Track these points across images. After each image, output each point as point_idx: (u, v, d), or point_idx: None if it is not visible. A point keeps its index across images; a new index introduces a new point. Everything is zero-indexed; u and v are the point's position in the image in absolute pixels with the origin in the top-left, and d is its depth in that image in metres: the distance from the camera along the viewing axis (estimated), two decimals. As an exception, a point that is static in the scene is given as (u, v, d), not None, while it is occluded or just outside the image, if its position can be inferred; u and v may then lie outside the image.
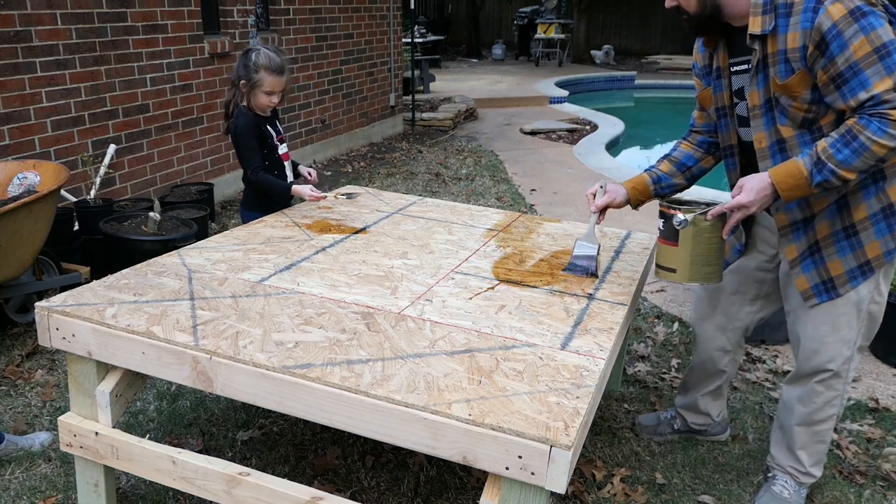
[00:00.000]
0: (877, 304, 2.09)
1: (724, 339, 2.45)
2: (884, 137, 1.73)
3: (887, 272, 2.06)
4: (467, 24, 18.94)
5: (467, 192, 6.08)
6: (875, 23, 1.73)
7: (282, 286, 2.13)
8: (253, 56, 2.78)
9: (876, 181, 1.95)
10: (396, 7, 8.37)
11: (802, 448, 2.26)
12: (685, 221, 1.98)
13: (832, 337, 2.10)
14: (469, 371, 1.70)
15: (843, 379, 2.15)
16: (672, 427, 2.70)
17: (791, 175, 1.87)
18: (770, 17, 1.88)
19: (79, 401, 2.01)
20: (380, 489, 2.37)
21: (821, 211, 2.02)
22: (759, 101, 2.00)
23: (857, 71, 1.75)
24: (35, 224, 3.02)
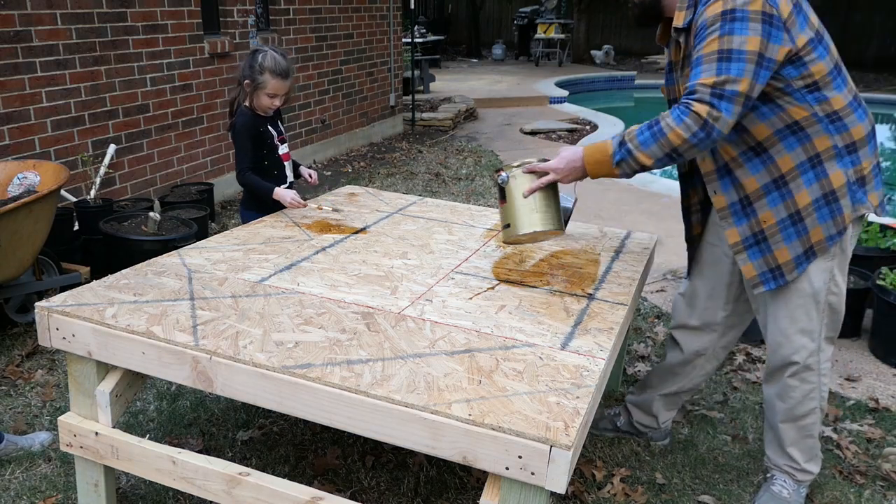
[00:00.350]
0: (835, 294, 2.10)
1: (699, 342, 2.45)
2: (680, 126, 1.79)
3: (841, 264, 2.08)
4: (467, 24, 18.94)
5: (467, 192, 6.08)
6: (738, 29, 1.76)
7: (282, 286, 2.13)
8: (259, 57, 2.80)
9: (814, 167, 1.98)
10: (396, 7, 8.37)
11: (792, 445, 2.27)
12: (506, 178, 2.15)
13: (792, 329, 2.13)
14: (469, 371, 1.70)
15: (815, 371, 2.16)
16: (614, 424, 2.71)
17: (599, 150, 1.97)
18: (690, 12, 1.96)
19: (79, 401, 2.01)
20: (380, 489, 2.37)
21: (757, 194, 2.04)
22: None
23: (698, 63, 1.83)
24: (35, 224, 3.02)
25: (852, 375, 3.24)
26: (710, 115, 1.77)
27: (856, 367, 3.34)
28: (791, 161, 1.97)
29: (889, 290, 3.32)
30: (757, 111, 1.94)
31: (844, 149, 1.96)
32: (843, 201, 1.98)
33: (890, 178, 7.76)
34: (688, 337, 2.47)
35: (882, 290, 3.34)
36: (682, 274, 4.29)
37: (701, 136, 1.79)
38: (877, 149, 2.04)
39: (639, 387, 2.69)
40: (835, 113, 1.93)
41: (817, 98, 1.90)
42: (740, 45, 1.77)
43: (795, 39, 1.84)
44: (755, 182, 2.04)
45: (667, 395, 2.58)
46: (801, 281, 2.08)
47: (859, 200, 2.00)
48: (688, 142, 1.80)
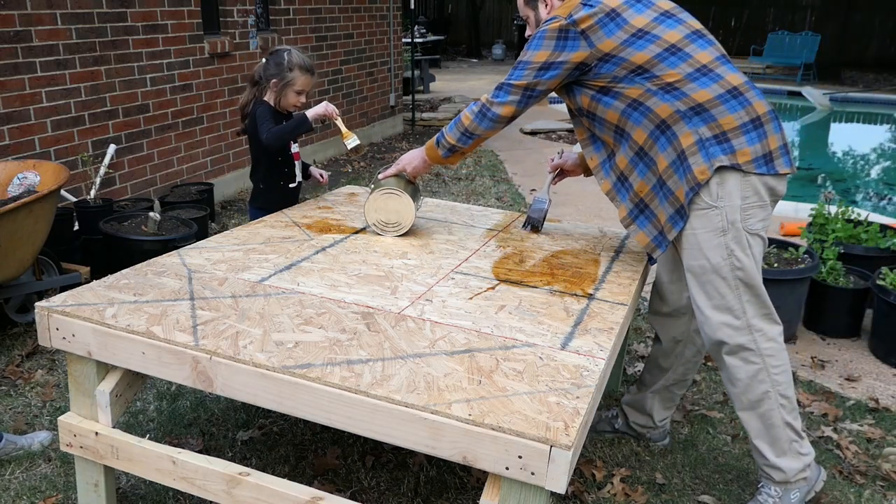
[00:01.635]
0: (740, 269, 2.10)
1: (674, 328, 2.49)
2: (469, 111, 2.31)
3: (737, 238, 2.09)
4: (467, 24, 18.94)
5: (467, 192, 6.08)
6: (536, 46, 2.18)
7: (282, 286, 2.13)
8: (286, 55, 2.85)
9: (663, 132, 2.13)
10: (396, 7, 8.37)
11: (758, 437, 2.23)
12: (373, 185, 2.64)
13: (708, 305, 2.16)
14: (469, 371, 1.70)
15: (754, 351, 2.15)
16: (612, 426, 2.72)
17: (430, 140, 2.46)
18: None
19: (79, 401, 2.01)
20: (380, 489, 2.37)
21: (629, 169, 2.26)
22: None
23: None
24: (35, 224, 3.02)
25: (852, 375, 3.24)
26: (488, 101, 2.27)
27: (856, 367, 3.34)
28: (643, 132, 2.17)
29: (889, 290, 3.32)
30: (602, 101, 2.20)
31: (690, 111, 2.08)
32: (691, 158, 2.08)
33: (890, 178, 7.76)
34: (661, 323, 2.52)
35: (882, 290, 3.34)
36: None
37: (478, 119, 2.29)
38: (745, 108, 2.07)
39: (634, 387, 2.70)
40: (668, 85, 2.10)
41: (647, 77, 2.12)
42: (529, 57, 2.20)
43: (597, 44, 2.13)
44: (624, 159, 2.26)
45: (658, 392, 2.58)
46: (699, 257, 2.13)
47: (713, 155, 2.06)
48: (472, 123, 2.30)
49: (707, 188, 2.07)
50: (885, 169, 8.45)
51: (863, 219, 4.12)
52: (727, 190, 2.07)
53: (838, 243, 3.78)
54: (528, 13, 2.40)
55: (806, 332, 3.67)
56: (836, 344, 3.56)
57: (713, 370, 3.23)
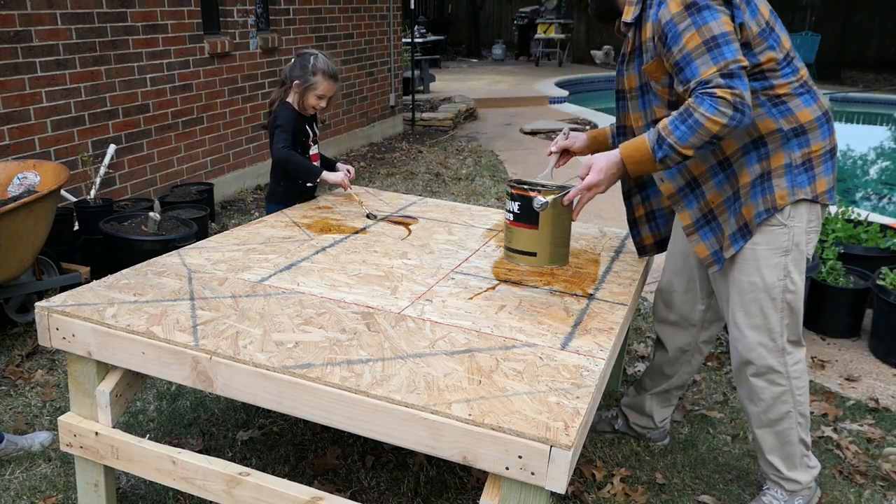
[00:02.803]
0: (792, 293, 2.07)
1: (681, 338, 2.46)
2: (715, 114, 1.84)
3: (797, 260, 2.05)
4: (467, 24, 18.93)
5: (467, 192, 6.08)
6: (708, 17, 1.87)
7: (282, 286, 2.13)
8: (311, 59, 2.89)
9: (758, 148, 2.02)
10: (396, 7, 8.37)
11: (772, 452, 2.23)
12: (545, 204, 1.97)
13: (746, 323, 2.12)
14: (469, 371, 1.70)
15: (782, 374, 2.13)
16: (612, 426, 2.71)
17: (637, 150, 1.99)
18: (638, 7, 2.05)
19: (79, 401, 2.01)
20: (380, 489, 2.37)
21: (704, 177, 2.11)
22: (636, 84, 2.18)
23: (689, 60, 1.90)
24: (35, 224, 3.02)
25: (852, 375, 3.24)
26: (734, 95, 1.83)
27: (856, 367, 3.34)
28: (735, 143, 2.04)
29: (889, 290, 3.32)
30: None
31: (791, 131, 1.99)
32: (776, 181, 2.00)
33: (890, 178, 7.75)
34: (668, 333, 2.48)
35: (882, 290, 3.34)
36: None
37: (737, 117, 1.84)
38: (831, 135, 2.04)
39: (633, 388, 2.69)
40: (778, 98, 1.98)
41: (761, 83, 1.97)
42: (718, 29, 1.86)
43: (750, 25, 1.93)
44: (701, 165, 2.11)
45: (658, 394, 2.58)
46: (752, 274, 2.07)
47: (799, 184, 2.00)
48: (726, 126, 1.85)
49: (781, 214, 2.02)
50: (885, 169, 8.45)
51: (863, 219, 4.12)
52: (799, 211, 2.02)
53: (838, 243, 3.78)
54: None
55: (806, 332, 3.67)
56: (836, 344, 3.56)
57: (713, 370, 3.23)
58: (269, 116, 2.99)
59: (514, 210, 2.01)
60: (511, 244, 2.06)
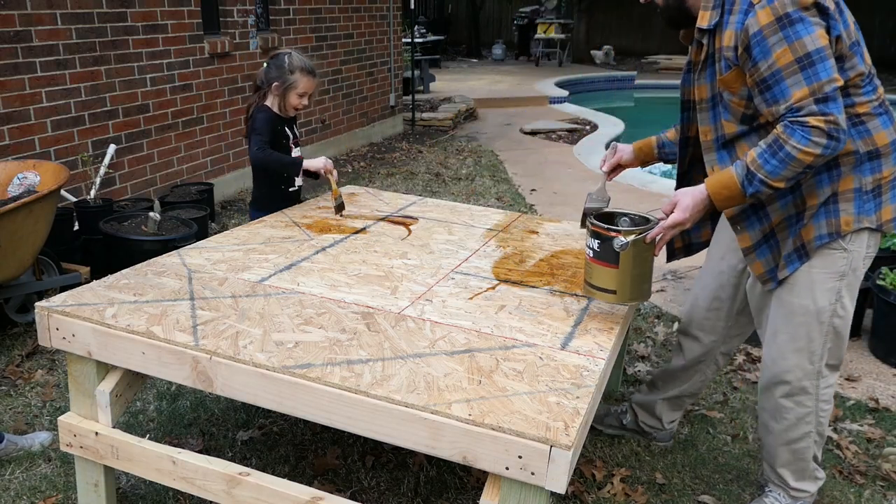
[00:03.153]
0: (840, 318, 2.01)
1: (699, 350, 2.43)
2: (808, 146, 1.73)
3: (851, 286, 1.99)
4: (467, 24, 18.93)
5: (467, 192, 6.08)
6: (802, 31, 1.73)
7: (282, 286, 2.13)
8: (286, 59, 2.84)
9: (830, 169, 1.91)
10: (396, 7, 8.37)
11: (784, 466, 2.21)
12: (627, 244, 1.90)
13: (790, 347, 2.05)
14: (469, 371, 1.70)
15: (811, 395, 2.08)
16: (620, 421, 2.69)
17: (726, 187, 1.88)
18: (717, 13, 1.90)
19: (79, 401, 2.01)
20: (380, 489, 2.37)
21: (770, 199, 1.99)
22: (707, 95, 2.03)
23: (779, 79, 1.77)
24: (35, 224, 3.02)
25: (852, 375, 3.24)
26: (828, 123, 1.73)
27: (856, 367, 3.34)
28: None
29: (889, 290, 3.31)
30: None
31: (866, 154, 1.89)
32: (843, 205, 1.92)
33: (890, 178, 7.74)
34: (690, 343, 2.46)
35: (882, 290, 3.34)
36: (682, 274, 4.29)
37: (832, 145, 1.74)
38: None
39: (645, 387, 2.67)
40: (857, 117, 1.87)
41: (845, 102, 1.83)
42: (812, 45, 1.73)
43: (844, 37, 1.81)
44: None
45: (670, 399, 2.57)
46: (804, 296, 2.00)
47: (866, 212, 1.92)
48: (821, 156, 1.75)
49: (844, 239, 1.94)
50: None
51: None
52: (861, 237, 1.94)
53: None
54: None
55: (806, 332, 3.66)
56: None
57: (713, 370, 3.23)
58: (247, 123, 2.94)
59: (593, 247, 1.96)
60: (591, 280, 2.01)
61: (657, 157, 2.48)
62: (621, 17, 18.51)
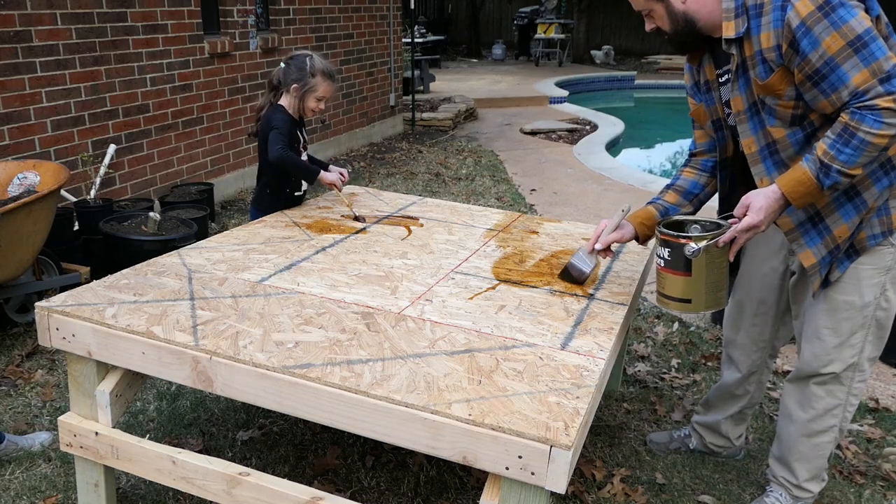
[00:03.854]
0: (883, 310, 2.01)
1: (750, 360, 2.39)
2: (883, 128, 1.69)
3: (895, 278, 1.98)
4: (467, 24, 18.93)
5: (467, 192, 6.08)
6: (846, 15, 1.70)
7: (282, 286, 2.13)
8: (308, 61, 2.80)
9: (888, 172, 1.88)
10: (396, 7, 8.37)
11: (799, 460, 2.19)
12: (699, 251, 1.84)
13: (833, 340, 2.04)
14: (469, 371, 1.70)
15: (845, 387, 2.08)
16: (686, 446, 2.62)
17: (801, 183, 1.82)
18: (743, 20, 1.85)
19: (79, 401, 2.01)
20: (380, 489, 2.37)
21: (828, 209, 1.93)
22: (744, 106, 1.97)
23: (833, 67, 1.72)
24: (35, 224, 3.02)
25: (852, 375, 3.23)
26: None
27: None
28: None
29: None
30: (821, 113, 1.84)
31: None
32: (892, 202, 1.90)
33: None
34: (741, 354, 2.40)
35: (882, 290, 3.34)
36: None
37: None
38: None
39: (702, 407, 2.60)
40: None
41: None
42: (860, 27, 1.69)
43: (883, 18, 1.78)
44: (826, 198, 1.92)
45: (733, 416, 2.51)
46: (851, 293, 1.99)
47: None
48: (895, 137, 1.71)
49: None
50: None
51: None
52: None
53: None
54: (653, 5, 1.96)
55: (806, 332, 3.66)
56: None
57: (713, 370, 3.23)
58: (258, 123, 2.90)
59: (664, 256, 1.91)
60: (664, 290, 1.96)
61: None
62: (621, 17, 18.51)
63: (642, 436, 2.72)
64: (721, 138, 2.15)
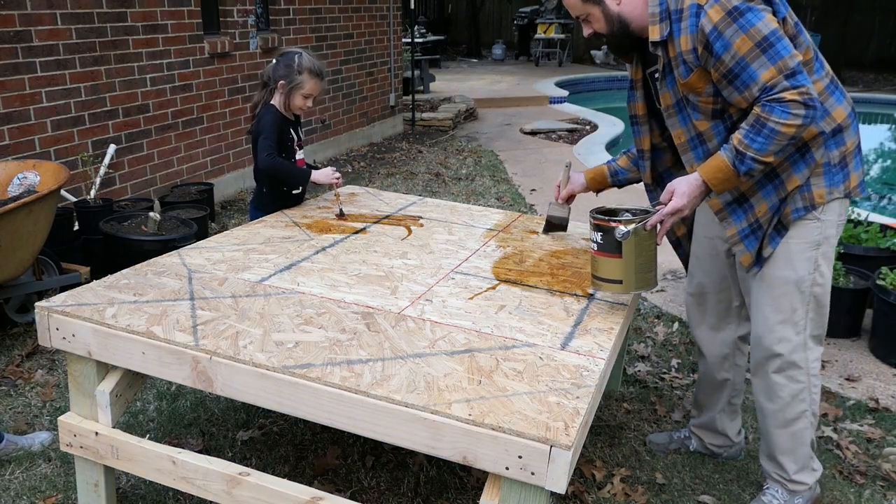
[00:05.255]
0: (819, 286, 2.10)
1: (719, 342, 2.43)
2: (790, 118, 1.84)
3: (826, 254, 2.08)
4: (467, 24, 18.93)
5: (467, 192, 6.08)
6: (753, 19, 1.86)
7: (282, 286, 2.13)
8: (296, 58, 2.81)
9: (804, 154, 2.01)
10: (396, 7, 8.37)
11: (783, 453, 2.22)
12: (628, 233, 1.96)
13: (775, 318, 2.12)
14: (469, 371, 1.70)
15: (803, 370, 2.13)
16: (686, 447, 2.63)
17: (720, 170, 1.97)
18: (666, 24, 2.00)
19: (79, 401, 2.01)
20: (380, 489, 2.37)
21: (752, 191, 2.08)
22: (672, 102, 2.12)
23: (744, 66, 1.88)
24: (35, 224, 3.02)
25: (852, 375, 3.24)
26: (802, 94, 1.83)
27: (856, 367, 3.34)
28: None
29: (889, 290, 3.32)
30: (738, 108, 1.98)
31: (831, 132, 2.00)
32: (814, 180, 2.02)
33: (890, 178, 7.75)
34: (708, 339, 2.44)
35: (882, 290, 3.34)
36: (683, 274, 4.28)
37: (811, 114, 1.85)
38: (858, 129, 2.08)
39: (694, 408, 2.61)
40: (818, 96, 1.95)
41: None
42: (766, 29, 1.85)
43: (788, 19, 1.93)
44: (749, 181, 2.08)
45: (724, 409, 2.52)
46: (784, 268, 2.08)
47: (835, 183, 2.02)
48: (802, 126, 1.86)
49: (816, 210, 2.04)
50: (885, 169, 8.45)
51: (863, 219, 4.12)
52: (832, 206, 2.05)
53: (838, 243, 3.78)
54: (590, 9, 2.10)
55: (806, 332, 3.66)
56: (836, 344, 3.56)
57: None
58: (253, 121, 2.91)
59: (597, 240, 2.03)
60: (597, 273, 2.07)
61: (610, 185, 2.61)
62: (621, 17, 18.46)
63: (642, 436, 2.73)
64: (636, 132, 2.33)
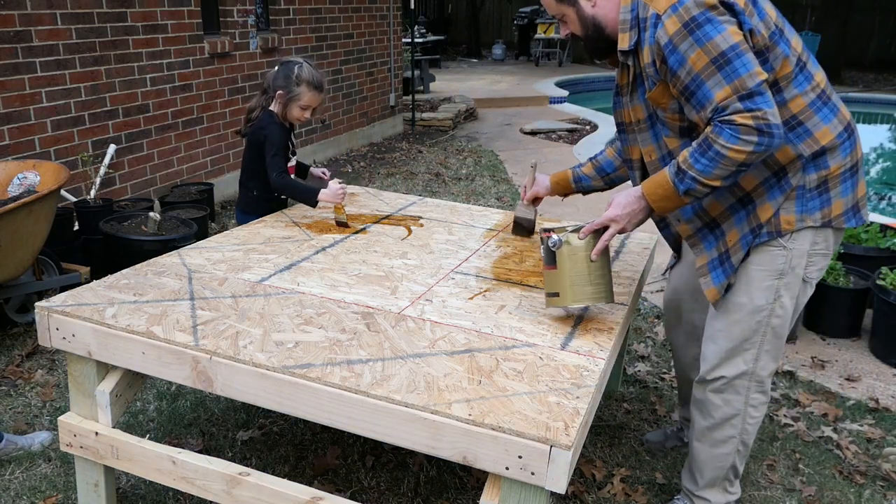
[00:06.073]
0: (778, 317, 1.96)
1: (694, 347, 2.39)
2: (738, 144, 1.68)
3: (790, 285, 1.93)
4: (467, 24, 18.94)
5: (467, 192, 6.08)
6: (711, 31, 1.69)
7: (282, 286, 2.13)
8: (296, 69, 2.77)
9: (780, 179, 1.86)
10: (396, 7, 8.37)
11: (699, 468, 2.16)
12: (558, 241, 1.91)
13: (725, 343, 2.00)
14: (469, 371, 1.70)
15: (741, 396, 2.02)
16: (681, 439, 2.64)
17: (660, 185, 1.84)
18: (634, 33, 1.86)
19: (79, 401, 2.01)
20: (380, 489, 2.37)
21: (724, 216, 1.95)
22: (644, 115, 1.99)
23: (699, 83, 1.72)
24: (35, 224, 3.02)
25: (852, 375, 3.24)
26: (756, 119, 1.66)
27: (856, 367, 3.34)
28: (754, 179, 1.87)
29: (889, 290, 3.32)
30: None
31: (812, 156, 1.83)
32: (785, 204, 1.87)
33: (890, 178, 7.76)
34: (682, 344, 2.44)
35: (882, 290, 3.34)
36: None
37: (765, 141, 1.67)
38: (853, 149, 1.88)
39: (679, 400, 2.63)
40: (794, 118, 1.81)
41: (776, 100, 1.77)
42: (725, 44, 1.68)
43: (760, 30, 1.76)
44: (719, 205, 1.94)
45: None
46: (741, 294, 1.95)
47: (809, 210, 1.86)
48: (754, 153, 1.69)
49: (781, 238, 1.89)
50: (885, 169, 8.45)
51: (863, 219, 4.11)
52: (802, 234, 1.88)
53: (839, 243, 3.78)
54: (565, 10, 1.97)
55: (806, 332, 3.67)
56: (836, 344, 3.56)
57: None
58: (248, 124, 2.87)
59: (543, 254, 1.99)
60: (545, 287, 2.02)
61: (574, 190, 2.52)
62: (621, 17, 18.47)
63: (642, 436, 2.73)
64: (624, 140, 2.16)
